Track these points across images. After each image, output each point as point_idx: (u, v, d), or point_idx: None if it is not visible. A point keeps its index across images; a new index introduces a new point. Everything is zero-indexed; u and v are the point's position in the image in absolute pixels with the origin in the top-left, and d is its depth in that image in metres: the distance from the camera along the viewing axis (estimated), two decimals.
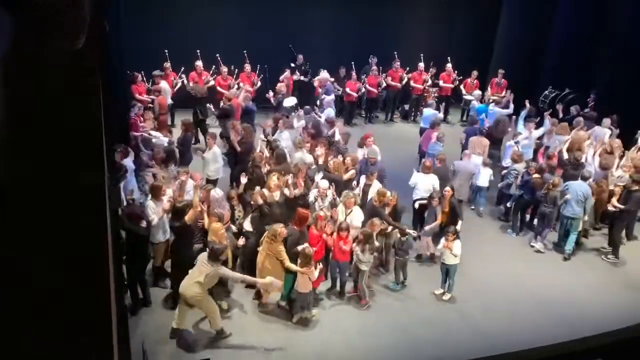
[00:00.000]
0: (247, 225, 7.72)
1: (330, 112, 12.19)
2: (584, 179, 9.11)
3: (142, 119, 10.64)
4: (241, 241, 7.44)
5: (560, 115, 12.65)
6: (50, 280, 2.03)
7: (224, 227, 7.19)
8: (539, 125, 11.96)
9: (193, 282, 6.35)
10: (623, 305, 7.84)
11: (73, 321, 2.05)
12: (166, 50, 12.85)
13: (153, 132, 10.40)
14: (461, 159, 10.50)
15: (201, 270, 6.35)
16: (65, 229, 2.10)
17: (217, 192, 7.98)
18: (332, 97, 13.01)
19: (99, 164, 2.52)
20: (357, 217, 7.84)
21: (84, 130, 2.30)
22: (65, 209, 2.12)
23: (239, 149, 9.85)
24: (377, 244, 7.69)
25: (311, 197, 8.23)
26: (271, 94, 12.70)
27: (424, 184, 8.96)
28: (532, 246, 9.27)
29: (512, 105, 12.64)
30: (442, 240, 7.76)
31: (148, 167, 9.15)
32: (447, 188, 8.66)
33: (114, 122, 9.12)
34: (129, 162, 8.69)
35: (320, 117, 11.99)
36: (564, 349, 3.69)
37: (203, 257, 6.47)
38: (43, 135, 2.16)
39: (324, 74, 13.67)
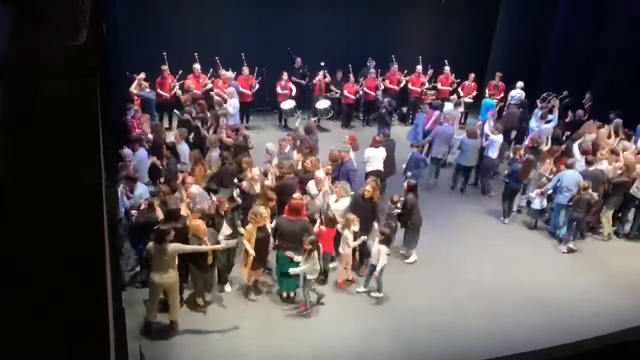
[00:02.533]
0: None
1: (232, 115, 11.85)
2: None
3: (139, 121, 10.65)
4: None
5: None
6: (46, 281, 2.02)
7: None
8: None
9: (166, 269, 6.45)
10: (622, 307, 7.82)
11: (69, 322, 2.04)
12: (164, 53, 12.85)
13: (150, 136, 10.39)
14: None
15: (163, 258, 6.43)
16: (62, 229, 2.09)
17: (196, 188, 8.08)
18: (236, 100, 12.17)
19: (97, 165, 2.50)
20: (342, 206, 8.00)
21: (82, 130, 2.29)
22: (62, 209, 2.11)
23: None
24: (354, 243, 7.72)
25: (313, 190, 8.34)
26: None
27: (377, 157, 9.93)
28: (564, 252, 9.27)
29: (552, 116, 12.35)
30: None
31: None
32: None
33: (112, 123, 9.11)
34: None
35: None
36: (562, 352, 3.68)
37: (153, 246, 6.48)
38: (41, 135, 2.15)
39: (228, 73, 13.00)
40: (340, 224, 7.73)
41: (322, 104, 13.84)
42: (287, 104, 13.50)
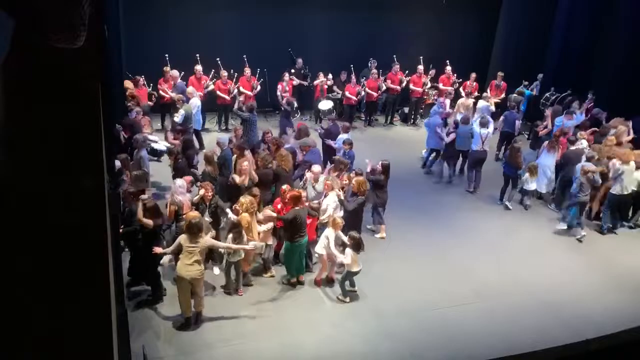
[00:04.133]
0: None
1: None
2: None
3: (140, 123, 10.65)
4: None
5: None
6: (49, 284, 2.02)
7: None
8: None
9: (192, 262, 6.56)
10: (625, 307, 7.79)
11: (72, 325, 2.04)
12: (166, 55, 12.86)
13: (152, 137, 10.41)
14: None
15: (191, 250, 6.54)
16: (65, 232, 2.09)
17: (180, 180, 8.19)
18: (196, 100, 11.96)
19: (99, 167, 2.51)
20: (330, 201, 8.14)
21: (84, 133, 2.29)
22: (64, 212, 2.11)
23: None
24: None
25: (318, 188, 8.58)
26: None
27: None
28: (580, 240, 9.53)
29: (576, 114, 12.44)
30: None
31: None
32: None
33: (114, 125, 9.14)
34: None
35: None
36: (564, 352, 3.67)
37: (183, 238, 6.60)
38: (42, 137, 2.15)
39: (173, 72, 12.75)
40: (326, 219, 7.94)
41: (325, 104, 13.83)
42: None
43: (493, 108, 13.40)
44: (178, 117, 11.01)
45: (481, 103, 13.36)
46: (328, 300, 7.68)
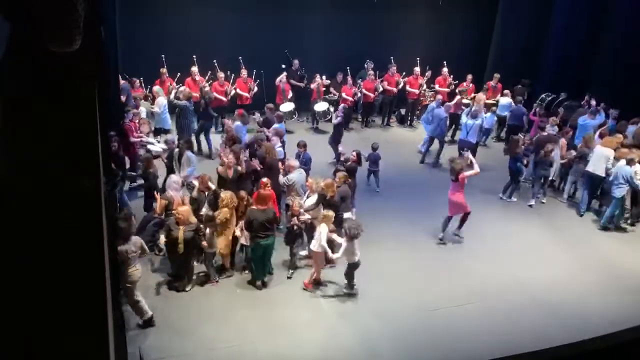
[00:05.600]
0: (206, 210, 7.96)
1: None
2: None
3: (137, 124, 10.65)
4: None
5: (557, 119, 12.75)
6: (46, 287, 2.01)
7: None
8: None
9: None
10: (624, 306, 7.80)
11: (69, 327, 2.03)
12: (163, 56, 12.85)
13: (149, 138, 10.41)
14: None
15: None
16: (61, 234, 2.08)
17: (175, 175, 8.53)
18: (162, 100, 11.85)
19: (95, 169, 2.50)
20: (309, 202, 8.36)
21: (81, 134, 2.29)
22: (60, 214, 2.10)
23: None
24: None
25: (283, 180, 8.88)
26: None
27: None
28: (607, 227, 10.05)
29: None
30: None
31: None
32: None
33: (110, 127, 9.12)
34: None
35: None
36: (563, 352, 3.67)
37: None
38: (39, 139, 2.14)
39: (124, 85, 12.20)
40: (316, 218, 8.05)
41: (321, 106, 13.88)
42: (286, 107, 13.54)
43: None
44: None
45: (504, 100, 14.03)
46: (325, 301, 7.67)
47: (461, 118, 12.30)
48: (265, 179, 8.12)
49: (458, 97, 14.05)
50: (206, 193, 8.06)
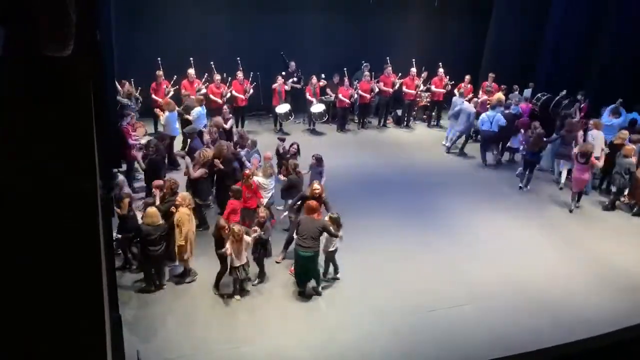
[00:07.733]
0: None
1: None
2: None
3: (133, 127, 10.65)
4: None
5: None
6: (42, 288, 2.01)
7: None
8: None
9: None
10: (622, 305, 7.82)
11: (65, 329, 2.03)
12: (159, 59, 12.83)
13: (144, 141, 10.39)
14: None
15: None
16: (57, 236, 2.08)
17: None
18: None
19: (91, 172, 2.50)
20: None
21: (77, 137, 2.29)
22: (56, 216, 2.11)
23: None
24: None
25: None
26: None
27: None
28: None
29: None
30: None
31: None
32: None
33: (106, 130, 9.10)
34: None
35: None
36: (562, 351, 3.67)
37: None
38: (35, 141, 2.15)
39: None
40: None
41: (317, 107, 13.89)
42: (282, 108, 13.56)
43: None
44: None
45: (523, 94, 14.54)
46: (324, 302, 7.68)
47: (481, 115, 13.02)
48: (247, 171, 8.74)
49: (484, 96, 14.27)
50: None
